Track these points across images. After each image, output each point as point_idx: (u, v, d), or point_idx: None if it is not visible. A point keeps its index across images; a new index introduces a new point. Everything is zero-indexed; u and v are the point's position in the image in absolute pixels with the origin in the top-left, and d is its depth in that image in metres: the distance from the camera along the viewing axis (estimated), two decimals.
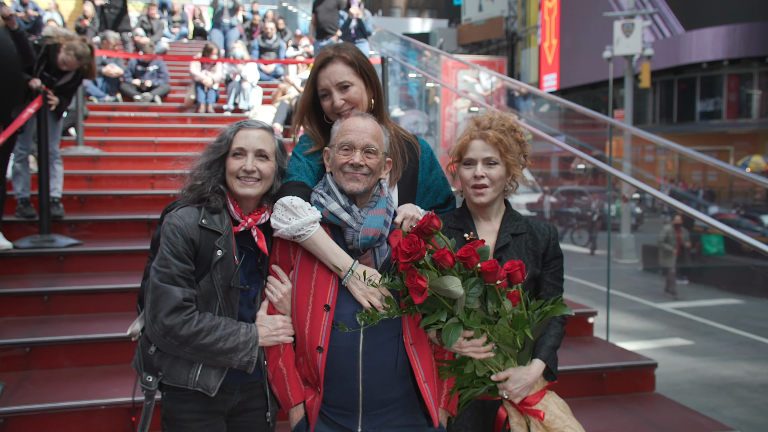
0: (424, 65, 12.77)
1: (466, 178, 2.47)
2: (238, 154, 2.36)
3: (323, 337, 2.22)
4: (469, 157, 2.47)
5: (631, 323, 9.80)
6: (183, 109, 10.51)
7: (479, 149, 2.45)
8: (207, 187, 2.36)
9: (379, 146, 2.35)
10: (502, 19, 40.50)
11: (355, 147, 2.31)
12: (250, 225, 2.37)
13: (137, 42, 12.13)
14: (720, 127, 28.18)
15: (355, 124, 2.36)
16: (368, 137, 2.33)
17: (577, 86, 32.97)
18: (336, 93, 2.49)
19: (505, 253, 2.45)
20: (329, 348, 2.23)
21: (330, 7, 10.71)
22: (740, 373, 7.66)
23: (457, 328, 2.15)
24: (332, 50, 2.53)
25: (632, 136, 17.80)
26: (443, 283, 2.12)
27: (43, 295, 4.67)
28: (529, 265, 2.44)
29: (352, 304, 2.25)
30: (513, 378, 2.30)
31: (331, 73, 2.49)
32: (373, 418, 2.27)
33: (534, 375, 2.33)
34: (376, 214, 2.31)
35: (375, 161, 2.33)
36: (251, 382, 2.39)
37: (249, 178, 2.35)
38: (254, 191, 2.36)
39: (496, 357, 2.28)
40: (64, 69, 5.83)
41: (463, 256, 2.15)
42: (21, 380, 3.92)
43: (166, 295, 2.21)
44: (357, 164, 2.30)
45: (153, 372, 2.30)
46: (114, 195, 6.55)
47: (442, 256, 2.16)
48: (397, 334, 2.27)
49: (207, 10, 17.65)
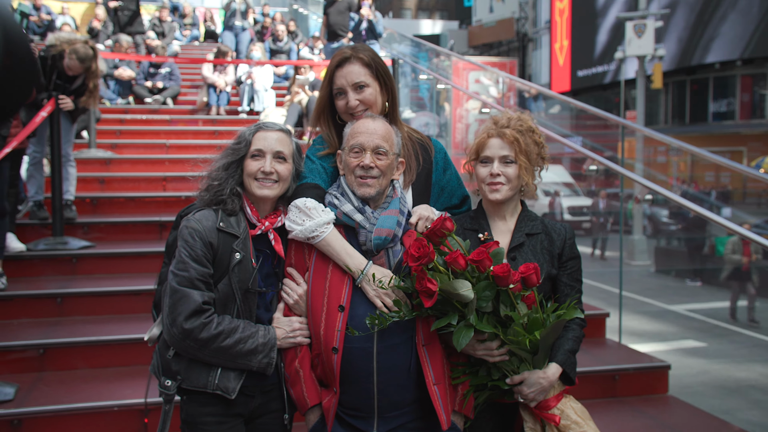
0: (435, 67, 12.76)
1: (482, 175, 2.48)
2: (256, 156, 2.38)
3: (338, 338, 2.22)
4: (486, 155, 2.47)
5: (643, 325, 9.74)
6: (194, 111, 10.56)
7: (496, 147, 2.46)
8: (224, 188, 2.36)
9: (390, 147, 2.35)
10: (513, 21, 40.38)
11: (365, 149, 2.31)
12: (267, 228, 2.38)
13: (149, 45, 12.19)
14: (733, 128, 27.98)
15: (365, 125, 2.36)
16: (378, 138, 2.33)
17: (589, 87, 32.86)
18: (351, 93, 2.50)
19: (520, 253, 2.44)
20: (344, 349, 2.23)
21: (341, 9, 10.72)
22: (754, 375, 7.60)
23: (468, 331, 2.14)
24: (350, 50, 2.54)
25: (644, 137, 17.70)
26: (453, 287, 2.11)
27: (56, 297, 4.70)
28: (544, 266, 2.43)
29: (366, 304, 2.25)
30: (528, 382, 2.28)
31: (348, 72, 2.51)
32: (389, 421, 2.27)
33: (550, 379, 2.30)
34: (389, 214, 2.31)
35: (385, 162, 2.32)
36: (270, 384, 2.39)
37: (267, 179, 2.36)
38: (272, 193, 2.37)
39: (511, 360, 2.26)
40: (70, 74, 5.86)
41: (476, 259, 2.15)
42: (35, 382, 3.95)
43: (185, 299, 2.21)
44: (367, 166, 2.30)
45: (172, 376, 2.30)
46: (126, 197, 6.58)
47: (454, 259, 2.16)
48: (411, 335, 2.26)
49: (218, 13, 17.70)
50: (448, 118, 12.21)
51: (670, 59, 26.80)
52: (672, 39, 27.43)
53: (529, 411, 2.33)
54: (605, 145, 13.55)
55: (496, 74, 13.03)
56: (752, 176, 13.03)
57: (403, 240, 2.33)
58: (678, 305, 11.37)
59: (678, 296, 12.38)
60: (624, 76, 24.24)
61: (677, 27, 27.58)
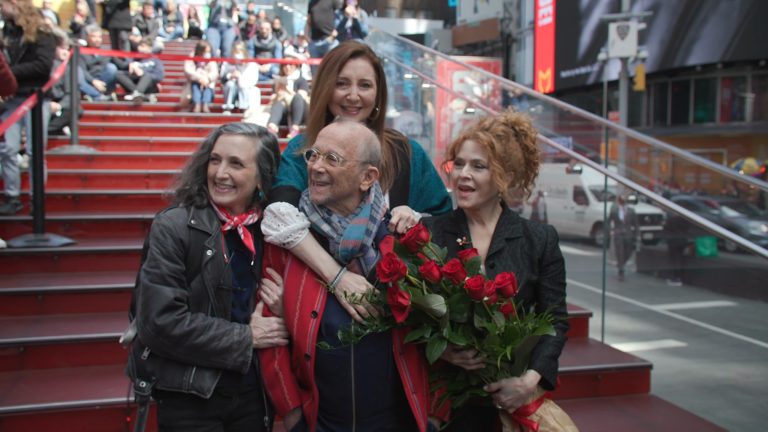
0: (420, 66, 12.77)
1: (454, 177, 2.42)
2: (214, 160, 2.36)
3: (310, 345, 2.20)
4: (459, 156, 2.42)
5: (625, 325, 9.80)
6: (178, 108, 10.48)
7: (469, 150, 2.39)
8: (194, 188, 2.38)
9: (347, 154, 2.22)
10: (497, 21, 40.53)
11: (319, 153, 2.24)
12: (236, 224, 2.37)
13: (132, 41, 12.08)
14: (713, 130, 28.26)
15: (328, 129, 2.29)
16: (333, 143, 2.23)
17: (572, 88, 33.05)
18: (355, 87, 2.48)
19: (499, 259, 2.38)
20: (319, 356, 2.20)
21: (325, 7, 10.71)
22: (733, 375, 7.68)
23: (441, 343, 2.12)
24: (364, 46, 2.54)
25: (627, 138, 17.83)
26: (426, 302, 2.08)
27: (37, 294, 4.65)
28: (524, 271, 2.38)
29: (340, 312, 2.22)
30: (505, 390, 2.25)
31: (360, 66, 2.51)
32: (367, 425, 2.26)
33: (527, 387, 2.27)
34: (357, 223, 2.24)
35: (337, 169, 2.21)
36: (247, 386, 2.37)
37: (222, 185, 2.34)
38: (227, 199, 2.35)
39: (488, 368, 2.23)
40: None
41: (449, 272, 2.11)
42: (15, 380, 3.90)
43: (156, 295, 2.20)
44: (315, 171, 2.23)
45: (146, 377, 2.27)
46: (109, 194, 6.53)
47: (428, 271, 2.12)
48: (388, 344, 2.24)
49: (202, 10, 17.62)
50: (432, 118, 12.23)
51: (652, 61, 27.04)
52: (654, 41, 27.67)
53: (508, 416, 2.31)
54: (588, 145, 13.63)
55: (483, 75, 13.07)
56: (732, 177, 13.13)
57: (380, 246, 2.29)
58: (659, 305, 11.47)
59: (659, 296, 12.48)
60: (607, 77, 24.43)
61: (659, 29, 27.83)
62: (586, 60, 31.50)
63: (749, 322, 10.41)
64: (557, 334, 2.37)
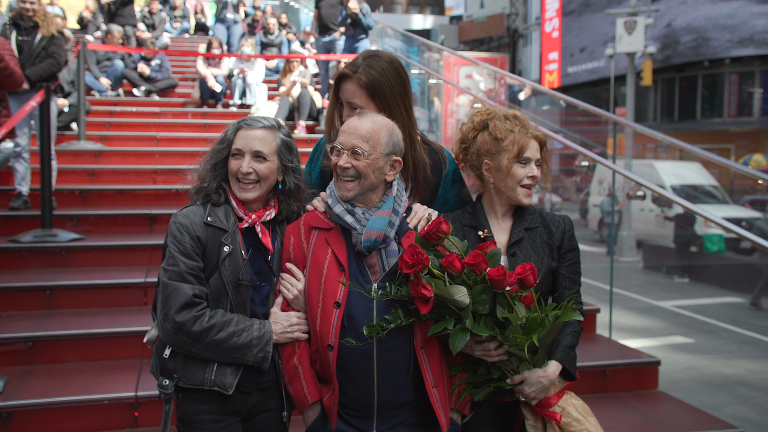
0: (426, 62, 12.73)
1: (519, 176, 2.44)
2: (236, 155, 2.36)
3: (333, 335, 2.20)
4: (527, 156, 2.45)
5: (632, 321, 9.78)
6: (185, 104, 10.50)
7: (534, 150, 2.46)
8: (212, 185, 2.38)
9: (372, 147, 2.24)
10: (504, 16, 40.42)
11: (344, 149, 2.26)
12: (253, 222, 2.37)
13: (139, 37, 12.09)
14: (721, 125, 28.13)
15: (349, 124, 2.31)
16: (356, 138, 2.24)
17: (579, 83, 32.94)
18: (346, 110, 2.53)
19: (520, 248, 2.42)
20: (341, 347, 2.20)
21: (333, 2, 10.70)
22: (741, 371, 7.65)
23: (464, 334, 2.12)
24: (349, 68, 2.52)
25: (634, 134, 17.75)
26: (449, 293, 2.09)
27: (45, 289, 4.67)
28: (545, 259, 2.42)
29: (362, 303, 2.22)
30: (528, 381, 2.26)
31: (345, 90, 2.53)
32: (388, 420, 2.26)
33: (550, 378, 2.28)
34: (381, 215, 2.26)
35: (363, 163, 2.23)
36: (267, 381, 2.37)
37: (246, 180, 2.34)
38: (252, 195, 2.36)
39: (510, 360, 2.24)
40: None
41: (471, 263, 2.12)
42: (24, 375, 3.92)
43: (175, 293, 2.21)
44: (342, 167, 2.25)
45: (169, 375, 2.28)
46: (116, 190, 6.55)
47: (450, 263, 2.13)
48: (409, 337, 2.24)
49: (209, 5, 17.63)
50: (438, 113, 12.19)
51: (659, 56, 26.90)
52: (661, 36, 27.55)
53: (530, 409, 2.32)
54: (596, 141, 13.60)
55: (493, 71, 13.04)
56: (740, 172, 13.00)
57: (402, 241, 2.29)
58: (666, 301, 11.44)
59: (666, 292, 12.44)
60: (614, 72, 24.34)
61: (665, 23, 27.70)
62: (592, 55, 31.39)
63: (757, 319, 10.38)
64: (573, 324, 2.40)
